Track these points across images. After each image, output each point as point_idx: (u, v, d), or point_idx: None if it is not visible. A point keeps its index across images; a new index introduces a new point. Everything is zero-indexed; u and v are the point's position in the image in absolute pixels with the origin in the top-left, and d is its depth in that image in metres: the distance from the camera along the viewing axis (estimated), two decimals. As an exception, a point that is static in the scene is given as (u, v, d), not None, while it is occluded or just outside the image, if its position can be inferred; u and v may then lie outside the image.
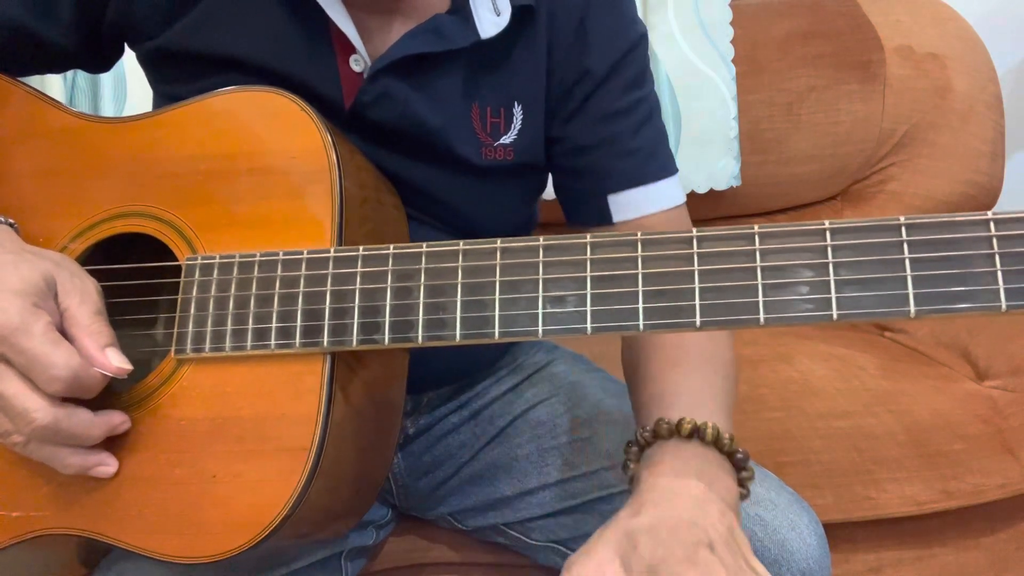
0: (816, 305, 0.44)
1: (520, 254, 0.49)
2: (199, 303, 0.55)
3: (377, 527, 0.81)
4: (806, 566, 0.66)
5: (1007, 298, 0.41)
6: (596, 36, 0.70)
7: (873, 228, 0.43)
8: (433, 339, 0.50)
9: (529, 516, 0.77)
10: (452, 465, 0.80)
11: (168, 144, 0.60)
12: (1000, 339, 1.10)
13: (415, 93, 0.65)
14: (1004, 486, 0.97)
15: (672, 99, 1.33)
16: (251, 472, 0.52)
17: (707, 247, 0.46)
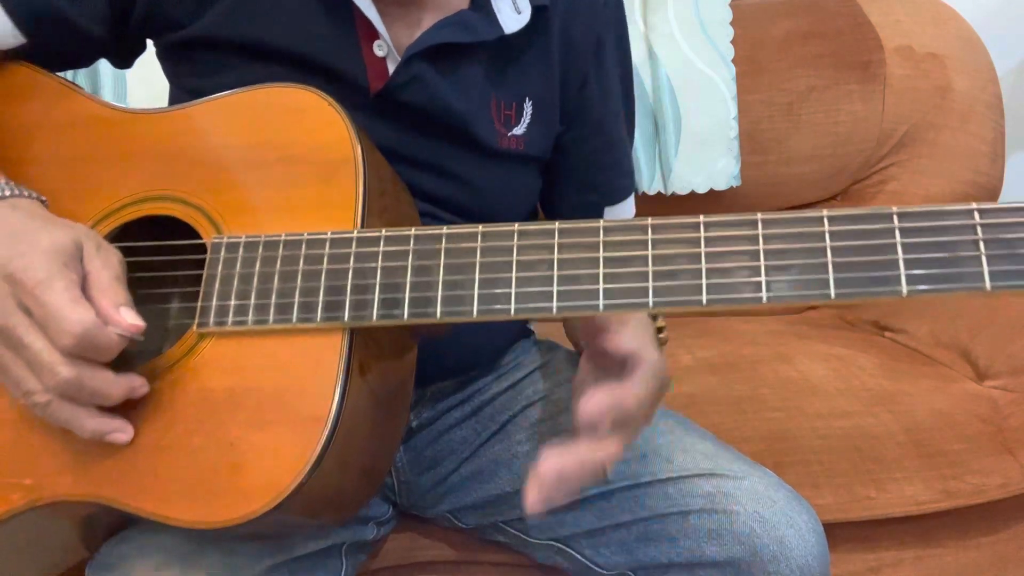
0: (815, 286, 0.47)
1: (536, 236, 0.52)
2: (224, 279, 0.57)
3: (378, 523, 0.81)
4: (804, 562, 0.67)
5: (991, 279, 0.44)
6: (602, 49, 0.78)
7: (867, 216, 0.47)
8: (451, 315, 0.52)
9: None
10: (453, 461, 0.81)
11: (197, 134, 0.63)
12: (1000, 339, 1.10)
13: (443, 79, 0.69)
14: (1004, 486, 0.97)
15: (672, 99, 1.33)
16: (268, 440, 0.53)
17: (714, 231, 0.49)
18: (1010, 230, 0.44)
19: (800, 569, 0.67)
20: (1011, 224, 0.45)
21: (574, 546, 0.76)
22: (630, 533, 0.73)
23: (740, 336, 1.25)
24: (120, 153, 0.63)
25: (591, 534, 0.75)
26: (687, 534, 0.70)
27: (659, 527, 0.71)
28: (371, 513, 0.80)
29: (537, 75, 0.75)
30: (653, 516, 0.71)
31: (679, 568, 0.71)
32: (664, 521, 0.71)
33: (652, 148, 1.34)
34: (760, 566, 0.67)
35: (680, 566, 0.70)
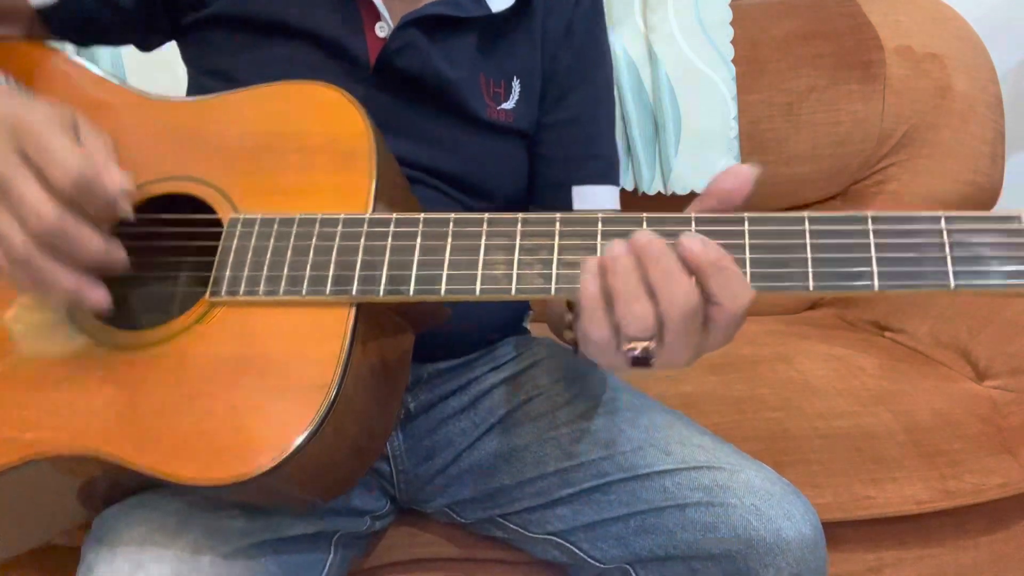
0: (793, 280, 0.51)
1: (539, 224, 0.56)
2: (238, 251, 0.59)
3: (374, 517, 0.81)
4: (800, 555, 0.67)
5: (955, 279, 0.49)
6: (578, 41, 0.84)
7: (843, 219, 0.51)
8: (455, 292, 0.56)
9: (527, 506, 0.78)
10: (451, 452, 0.82)
11: (218, 121, 0.66)
12: (1000, 339, 1.10)
13: (434, 48, 0.75)
14: (1004, 485, 0.97)
15: (672, 99, 1.33)
16: (271, 405, 0.55)
17: (703, 227, 0.53)
18: (973, 236, 0.49)
19: (797, 562, 0.67)
20: (974, 231, 0.49)
21: (572, 540, 0.76)
22: (627, 526, 0.73)
23: (740, 336, 1.23)
24: (144, 136, 0.66)
25: (589, 528, 0.75)
26: (684, 527, 0.70)
27: (656, 520, 0.72)
28: (368, 507, 0.80)
29: (523, 56, 0.81)
30: (650, 509, 0.72)
31: (676, 561, 0.71)
32: (661, 514, 0.72)
33: (652, 148, 1.34)
34: (756, 558, 0.67)
35: (677, 559, 0.71)
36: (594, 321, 0.49)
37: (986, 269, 0.49)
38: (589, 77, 0.86)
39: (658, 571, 0.72)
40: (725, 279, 0.48)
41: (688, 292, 0.47)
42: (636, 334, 0.48)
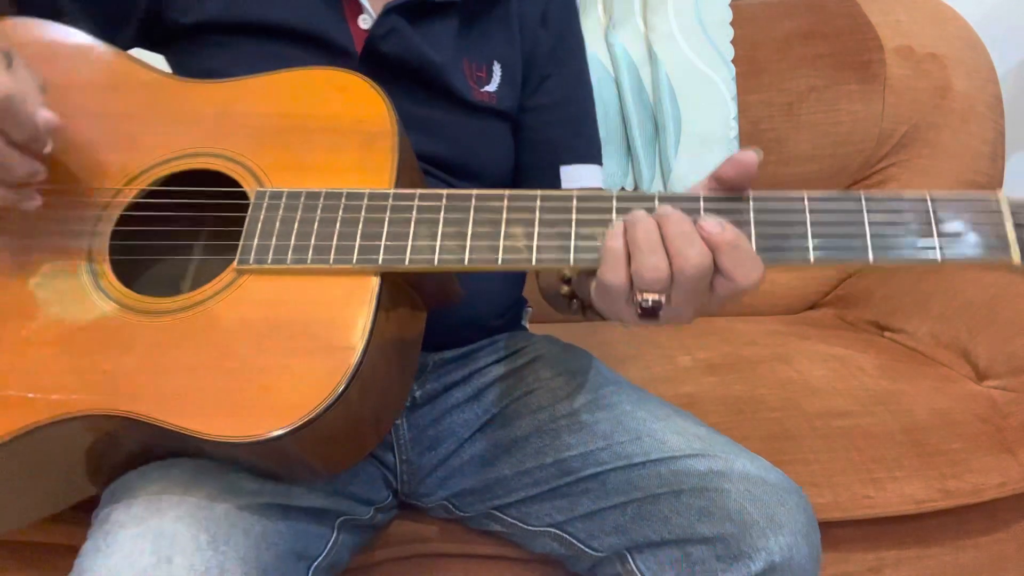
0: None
1: (557, 200, 0.59)
2: (265, 222, 0.62)
3: (377, 509, 0.82)
4: (793, 540, 0.68)
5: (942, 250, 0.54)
6: (554, 27, 0.88)
7: (839, 197, 0.56)
8: (477, 262, 0.58)
9: (525, 496, 0.79)
10: (454, 442, 0.83)
11: (247, 101, 0.68)
12: (1000, 339, 1.10)
13: (418, 33, 0.78)
14: (1003, 485, 0.97)
15: (672, 99, 1.33)
16: (298, 365, 0.57)
17: (711, 204, 0.57)
18: (957, 213, 0.54)
19: (789, 547, 0.68)
20: (957, 208, 0.54)
21: (570, 531, 0.77)
22: (624, 514, 0.74)
23: (739, 337, 1.25)
24: (169, 113, 0.69)
25: (587, 517, 0.76)
26: (679, 512, 0.71)
27: (652, 507, 0.73)
28: (371, 496, 0.81)
29: (502, 41, 0.85)
30: (647, 496, 0.73)
31: (671, 545, 0.72)
32: (657, 501, 0.73)
33: (652, 148, 1.34)
34: (749, 542, 0.68)
35: (672, 543, 0.72)
36: (614, 269, 0.53)
37: (968, 241, 0.53)
38: (568, 61, 0.90)
39: (653, 556, 0.73)
40: (739, 256, 0.52)
41: (702, 253, 0.52)
42: (649, 285, 0.52)
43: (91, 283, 0.63)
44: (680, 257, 0.52)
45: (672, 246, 0.52)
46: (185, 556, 0.56)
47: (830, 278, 1.43)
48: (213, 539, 0.58)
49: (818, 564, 0.71)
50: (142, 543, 0.57)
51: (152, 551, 0.56)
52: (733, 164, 0.55)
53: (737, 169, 0.55)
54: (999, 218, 0.53)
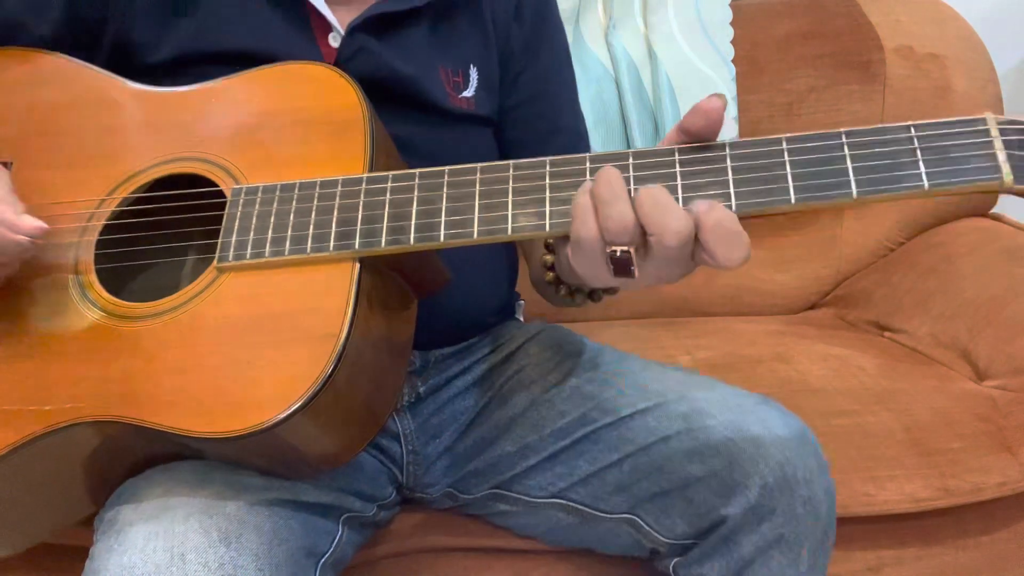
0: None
1: (530, 168, 0.58)
2: (242, 218, 0.62)
3: (380, 506, 0.82)
4: (783, 457, 0.69)
5: (928, 179, 0.52)
6: (528, 21, 0.86)
7: (818, 136, 0.54)
8: (453, 237, 0.58)
9: (526, 467, 0.80)
10: (456, 429, 0.85)
11: (222, 103, 0.69)
12: (1000, 339, 1.10)
13: (387, 47, 0.77)
14: (1003, 484, 0.97)
15: (672, 99, 1.33)
16: (282, 356, 0.58)
17: (686, 155, 0.55)
18: (942, 140, 0.52)
19: (780, 465, 0.69)
20: (942, 135, 0.53)
21: (574, 498, 0.78)
22: (622, 471, 0.75)
23: (739, 336, 1.25)
24: (148, 123, 0.70)
25: (587, 480, 0.77)
26: (671, 458, 0.73)
27: (646, 459, 0.74)
28: (375, 493, 0.82)
29: (476, 43, 0.83)
30: (638, 449, 0.74)
31: (673, 495, 0.73)
32: (649, 451, 0.74)
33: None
34: (740, 470, 0.69)
35: (672, 492, 0.73)
36: (583, 223, 0.52)
37: (956, 168, 0.51)
38: (541, 53, 0.88)
39: (660, 510, 0.74)
40: (722, 234, 0.50)
41: (681, 219, 0.50)
42: (615, 236, 0.51)
43: (78, 294, 0.64)
44: (658, 228, 0.50)
45: (649, 218, 0.51)
46: (198, 553, 0.56)
47: (830, 278, 1.43)
48: (225, 536, 0.59)
49: (823, 468, 0.71)
50: (155, 541, 0.57)
51: (165, 548, 0.56)
52: (700, 113, 0.53)
53: (704, 118, 0.53)
54: (987, 137, 0.51)
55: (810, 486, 0.69)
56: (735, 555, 0.70)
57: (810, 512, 0.69)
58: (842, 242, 1.41)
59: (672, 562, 0.76)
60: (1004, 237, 1.27)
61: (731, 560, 0.70)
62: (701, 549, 0.73)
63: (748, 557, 0.70)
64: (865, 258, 1.41)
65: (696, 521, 0.72)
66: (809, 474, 0.69)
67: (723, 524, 0.70)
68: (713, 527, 0.71)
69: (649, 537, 0.75)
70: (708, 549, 0.72)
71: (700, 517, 0.71)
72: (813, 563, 0.70)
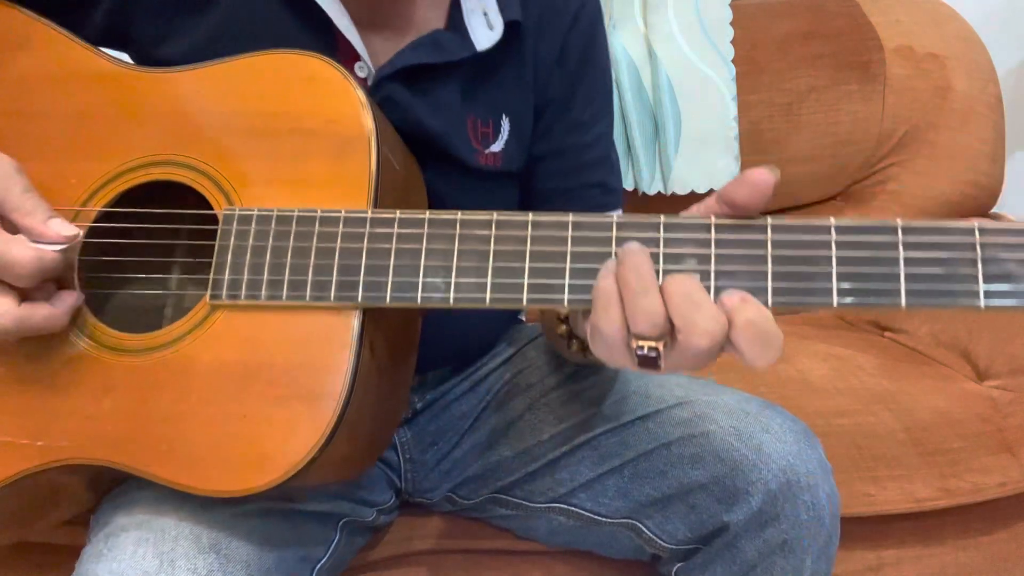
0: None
1: (550, 227, 0.52)
2: (236, 251, 0.57)
3: (380, 511, 0.82)
4: (785, 463, 0.68)
5: (986, 297, 0.46)
6: (571, 66, 0.77)
7: (871, 228, 0.48)
8: (464, 301, 0.53)
9: (527, 473, 0.80)
10: (455, 434, 0.84)
11: (209, 97, 0.62)
12: (1000, 339, 1.10)
13: (416, 100, 0.69)
14: (1004, 485, 0.97)
15: (672, 99, 1.33)
16: (281, 415, 0.55)
17: (723, 234, 0.49)
18: (1007, 251, 0.46)
19: (783, 471, 0.68)
20: (1011, 245, 0.46)
21: (574, 502, 0.78)
22: (623, 476, 0.75)
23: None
24: (126, 112, 0.63)
25: (588, 485, 0.77)
26: (672, 464, 0.72)
27: (647, 464, 0.73)
28: (374, 499, 0.82)
29: (513, 90, 0.75)
30: (640, 455, 0.74)
31: (674, 500, 0.73)
32: (650, 457, 0.73)
33: (652, 148, 1.34)
34: (742, 477, 0.68)
35: (674, 498, 0.72)
36: (606, 313, 0.47)
37: (1020, 287, 0.46)
38: (580, 101, 0.79)
39: (661, 515, 0.74)
40: (755, 335, 0.45)
41: (714, 319, 0.45)
42: (643, 331, 0.46)
43: None
44: (687, 325, 0.45)
45: (678, 314, 0.45)
46: (188, 559, 0.56)
47: (830, 278, 1.42)
48: (215, 543, 0.58)
49: (827, 473, 0.70)
50: (145, 547, 0.57)
51: (155, 555, 0.56)
52: (746, 185, 0.47)
53: (750, 190, 0.47)
54: None
55: (813, 492, 0.68)
56: (738, 560, 0.70)
57: (814, 518, 0.68)
58: (842, 242, 1.41)
59: (675, 567, 0.75)
60: (1004, 237, 1.27)
61: (734, 566, 0.70)
62: (704, 555, 0.72)
63: (751, 563, 0.69)
64: (865, 258, 1.41)
65: (698, 527, 0.72)
66: (813, 479, 0.68)
67: (726, 530, 0.70)
68: (715, 532, 0.71)
69: (650, 542, 0.75)
70: (711, 555, 0.72)
71: (702, 523, 0.71)
72: (816, 570, 0.69)
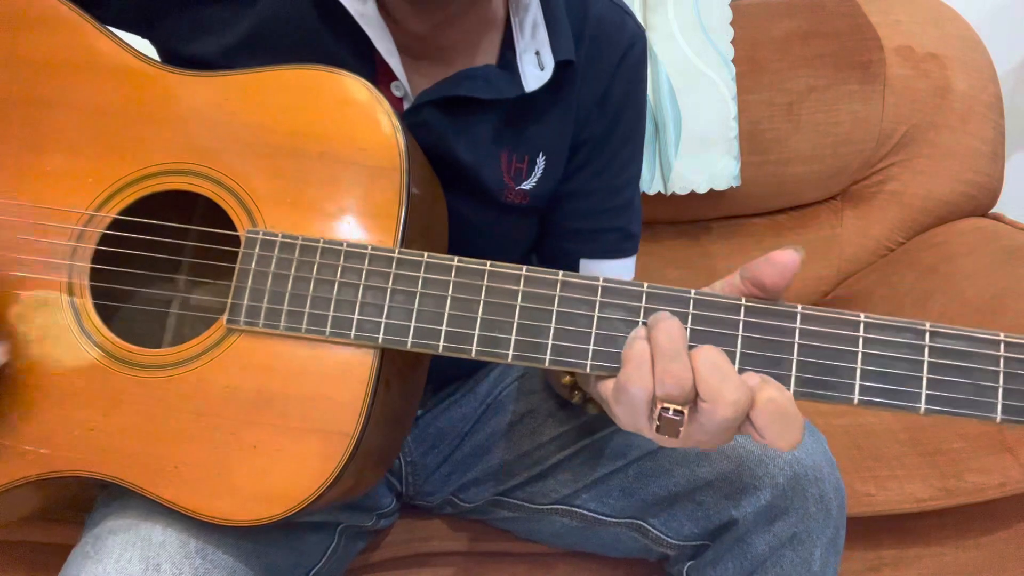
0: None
1: (579, 289, 0.52)
2: (256, 277, 0.56)
3: (380, 515, 0.82)
4: (792, 457, 0.69)
5: (1003, 412, 0.47)
6: (612, 107, 0.75)
7: (901, 329, 0.49)
8: (485, 355, 0.52)
9: (528, 477, 0.80)
10: (455, 436, 0.84)
11: (237, 108, 0.60)
12: (1000, 339, 1.10)
13: (453, 129, 0.68)
14: (1004, 485, 0.97)
15: (672, 99, 1.33)
16: (292, 448, 0.54)
17: (752, 317, 0.49)
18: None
19: (789, 465, 0.69)
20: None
21: (578, 503, 0.78)
22: (627, 475, 0.75)
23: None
24: (149, 113, 0.61)
25: (591, 486, 0.77)
26: (678, 462, 0.72)
27: (652, 463, 0.74)
28: (375, 505, 0.82)
29: (554, 129, 0.73)
30: (644, 454, 0.74)
31: (681, 499, 0.73)
32: (656, 456, 0.74)
33: (652, 148, 1.34)
34: (749, 472, 0.69)
35: (681, 496, 0.73)
36: (639, 373, 0.47)
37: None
38: (617, 146, 0.78)
39: (668, 513, 0.74)
40: (777, 417, 0.46)
41: (739, 389, 0.45)
42: (670, 394, 0.46)
43: (74, 322, 0.58)
44: (713, 394, 0.45)
45: (705, 383, 0.45)
46: (173, 564, 0.56)
47: (830, 278, 1.42)
48: (202, 547, 0.58)
49: (831, 465, 0.71)
50: (131, 550, 0.57)
51: (140, 558, 0.56)
52: (772, 266, 0.48)
53: (777, 271, 0.48)
54: None
55: (820, 484, 0.69)
56: (749, 555, 0.70)
57: (821, 510, 0.69)
58: (842, 242, 1.41)
59: (685, 566, 0.76)
60: (1004, 237, 1.27)
61: (745, 561, 0.70)
62: (714, 551, 0.73)
63: (761, 557, 0.70)
64: (865, 258, 1.41)
65: (705, 523, 0.72)
66: (819, 472, 0.69)
67: (734, 525, 0.70)
68: (723, 528, 0.71)
69: (657, 541, 0.75)
70: (721, 551, 0.72)
71: (709, 519, 0.71)
72: (825, 561, 0.70)
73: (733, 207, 1.40)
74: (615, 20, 0.74)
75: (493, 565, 0.90)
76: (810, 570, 0.69)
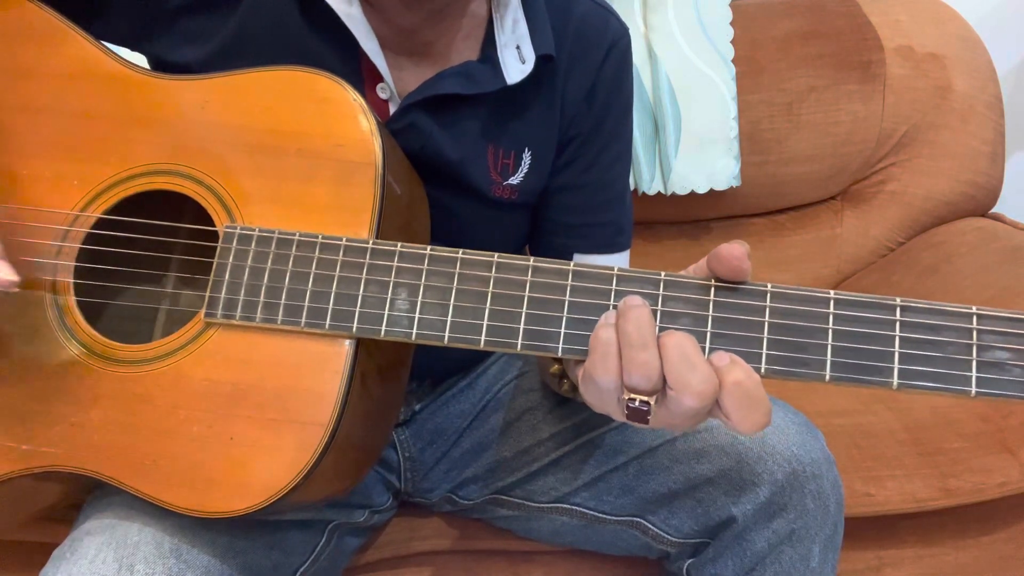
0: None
1: (550, 275, 0.53)
2: (234, 271, 0.57)
3: (373, 511, 0.82)
4: (790, 454, 0.70)
5: (977, 385, 0.47)
6: (599, 103, 0.76)
7: (871, 304, 0.49)
8: (459, 341, 0.53)
9: (527, 474, 0.80)
10: (454, 432, 0.84)
11: (217, 109, 0.62)
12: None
13: (439, 128, 0.69)
14: (1004, 485, 0.97)
15: (672, 99, 1.33)
16: (268, 440, 0.55)
17: (722, 296, 0.50)
18: (1008, 341, 0.47)
19: (788, 462, 0.69)
20: (1009, 335, 0.47)
21: (577, 501, 0.78)
22: (627, 473, 0.75)
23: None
24: (133, 117, 0.62)
25: (591, 484, 0.77)
26: (677, 459, 0.73)
27: (652, 460, 0.74)
28: (368, 501, 0.82)
29: (538, 124, 0.74)
30: (644, 451, 0.74)
31: (681, 496, 0.73)
32: (655, 453, 0.74)
33: (652, 148, 1.34)
34: (748, 469, 0.70)
35: (681, 493, 0.73)
36: (604, 364, 0.47)
37: (1012, 375, 0.46)
38: (605, 142, 0.78)
39: (667, 510, 0.74)
40: (743, 400, 0.45)
41: (706, 380, 0.45)
42: (637, 384, 0.46)
43: (56, 320, 0.60)
44: (680, 384, 0.45)
45: (673, 372, 0.46)
46: (147, 564, 0.57)
47: (830, 278, 1.42)
48: (177, 547, 0.59)
49: (829, 462, 0.71)
50: (106, 551, 0.57)
51: (115, 559, 0.57)
52: (721, 262, 0.48)
53: (726, 266, 0.48)
54: None
55: (819, 481, 0.69)
56: (748, 552, 0.70)
57: (820, 507, 0.69)
58: (842, 242, 1.41)
59: (686, 564, 0.76)
60: (1004, 237, 1.27)
61: (744, 558, 0.71)
62: (714, 548, 0.73)
63: (761, 554, 0.70)
64: (865, 258, 1.41)
65: (705, 520, 0.72)
66: (817, 468, 0.70)
67: (734, 522, 0.71)
68: (722, 525, 0.72)
69: (657, 538, 0.75)
70: (721, 548, 0.72)
71: (709, 516, 0.72)
72: (823, 558, 0.70)
73: (733, 207, 1.40)
74: (598, 18, 0.76)
75: (493, 564, 0.90)
76: (809, 567, 0.69)
